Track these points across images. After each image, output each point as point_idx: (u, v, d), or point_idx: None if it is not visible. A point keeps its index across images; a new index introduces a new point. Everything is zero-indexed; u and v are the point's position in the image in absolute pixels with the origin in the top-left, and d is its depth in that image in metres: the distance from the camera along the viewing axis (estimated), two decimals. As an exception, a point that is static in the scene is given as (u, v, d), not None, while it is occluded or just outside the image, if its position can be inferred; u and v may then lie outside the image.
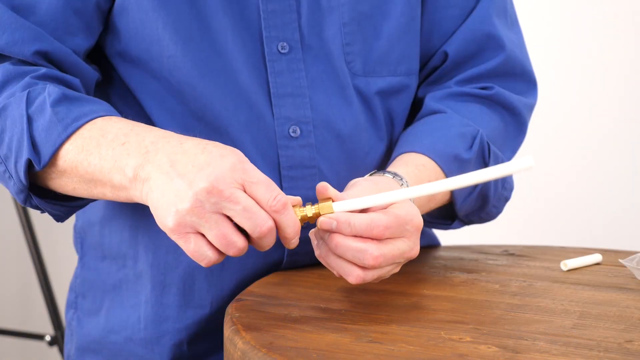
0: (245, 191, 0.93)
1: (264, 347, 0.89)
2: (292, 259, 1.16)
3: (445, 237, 1.76)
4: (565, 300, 1.03)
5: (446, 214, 1.24)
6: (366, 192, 1.01)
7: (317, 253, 1.00)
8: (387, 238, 0.97)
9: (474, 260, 1.19)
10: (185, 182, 0.93)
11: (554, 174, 2.15)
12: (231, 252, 0.94)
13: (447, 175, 1.15)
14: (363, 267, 0.97)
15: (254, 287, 1.08)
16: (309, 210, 0.98)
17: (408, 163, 1.13)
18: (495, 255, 1.22)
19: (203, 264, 0.95)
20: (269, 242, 0.95)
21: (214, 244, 0.94)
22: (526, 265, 1.17)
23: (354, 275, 0.98)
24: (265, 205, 0.93)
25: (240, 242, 0.94)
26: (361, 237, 0.97)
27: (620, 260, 1.13)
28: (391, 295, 1.05)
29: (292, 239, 0.96)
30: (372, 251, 0.96)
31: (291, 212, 0.95)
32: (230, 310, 1.00)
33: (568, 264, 1.15)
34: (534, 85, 1.28)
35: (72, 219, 1.32)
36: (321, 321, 0.96)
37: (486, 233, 2.06)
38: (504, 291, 1.06)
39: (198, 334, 1.17)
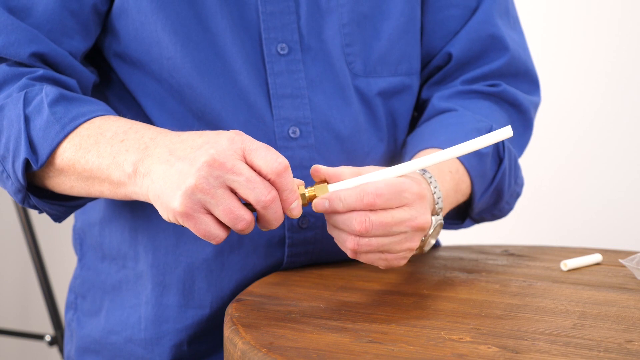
0: (246, 160, 0.94)
1: (264, 347, 0.89)
2: (292, 260, 1.16)
3: (446, 237, 1.76)
4: (565, 300, 1.03)
5: (457, 213, 1.24)
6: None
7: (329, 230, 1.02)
8: (384, 208, 0.97)
9: (474, 260, 1.19)
10: (186, 163, 0.94)
11: (554, 173, 2.15)
12: (239, 226, 0.94)
13: (468, 170, 1.15)
14: (356, 235, 0.98)
15: (254, 287, 1.08)
16: (305, 192, 0.98)
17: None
18: (495, 255, 1.22)
19: (214, 242, 0.95)
20: (274, 215, 0.95)
21: (221, 220, 0.94)
22: (526, 265, 1.17)
23: (348, 241, 0.98)
24: (266, 169, 0.93)
25: (247, 215, 0.94)
26: (355, 210, 0.97)
27: (620, 260, 1.13)
28: (391, 295, 1.05)
29: (293, 203, 0.96)
30: (356, 216, 0.96)
31: (291, 175, 0.95)
32: (230, 310, 1.00)
33: (568, 264, 1.15)
34: (537, 84, 1.29)
35: (71, 220, 1.32)
36: (321, 321, 0.96)
37: (486, 233, 2.07)
38: (504, 291, 1.06)
39: (198, 334, 1.17)
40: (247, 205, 0.95)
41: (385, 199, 0.97)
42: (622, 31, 2.07)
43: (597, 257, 1.18)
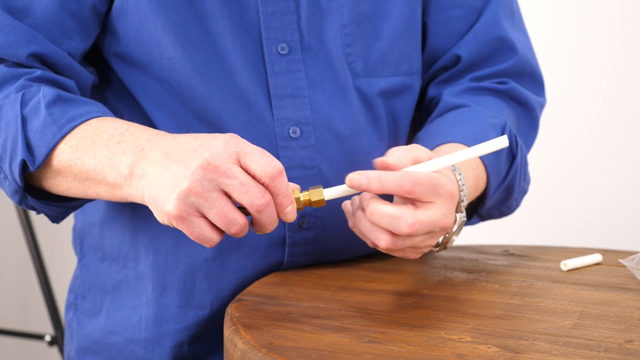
0: (240, 164, 0.93)
1: (264, 347, 0.89)
2: (292, 259, 1.16)
3: (445, 237, 1.76)
4: (565, 300, 1.03)
5: (465, 210, 1.24)
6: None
7: (350, 223, 0.99)
8: (419, 200, 0.95)
9: (474, 260, 1.19)
10: (180, 165, 0.93)
11: (554, 174, 2.15)
12: (233, 230, 0.93)
13: (486, 166, 1.14)
14: (395, 234, 0.96)
15: (254, 287, 1.08)
16: (300, 196, 0.97)
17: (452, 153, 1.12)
18: (495, 255, 1.22)
19: (208, 245, 0.95)
20: (268, 219, 0.94)
21: (215, 224, 0.94)
22: (526, 265, 1.17)
23: (383, 240, 0.96)
24: (260, 173, 0.93)
25: (240, 219, 0.93)
26: (393, 196, 0.95)
27: (620, 260, 1.13)
28: (391, 295, 1.05)
29: (287, 207, 0.95)
30: (407, 218, 0.94)
31: (285, 180, 0.94)
32: (230, 310, 1.00)
33: (568, 264, 1.15)
34: (542, 86, 1.29)
35: (71, 220, 1.32)
36: (321, 321, 0.96)
37: (486, 233, 2.06)
38: (504, 291, 1.06)
39: (198, 335, 1.17)
40: (241, 208, 0.95)
41: (422, 190, 0.95)
42: (624, 30, 2.07)
43: (597, 257, 1.18)
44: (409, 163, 0.98)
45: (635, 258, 1.13)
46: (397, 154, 0.98)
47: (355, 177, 0.95)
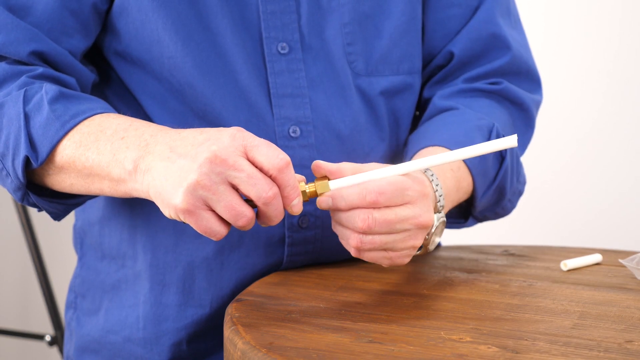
0: (247, 157, 0.94)
1: (264, 347, 0.89)
2: (292, 259, 1.16)
3: (446, 237, 1.76)
4: (565, 300, 1.03)
5: (460, 212, 1.24)
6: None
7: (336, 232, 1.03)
8: (387, 206, 0.97)
9: (474, 260, 1.19)
10: (187, 159, 0.94)
11: (554, 173, 2.15)
12: (240, 222, 0.94)
13: (469, 168, 1.15)
14: (360, 232, 0.98)
15: (254, 287, 1.08)
16: (305, 188, 0.98)
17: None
18: (495, 255, 1.22)
19: (215, 239, 0.95)
20: (274, 212, 0.95)
21: (222, 216, 0.94)
22: (526, 265, 1.17)
23: (352, 238, 0.99)
24: (267, 165, 0.93)
25: (248, 212, 0.94)
26: (358, 207, 0.98)
27: (620, 260, 1.13)
28: (391, 295, 1.05)
29: (294, 200, 0.96)
30: (359, 214, 0.97)
31: (292, 172, 0.95)
32: (230, 310, 1.00)
33: (568, 264, 1.15)
34: (538, 84, 1.29)
35: (71, 219, 1.32)
36: (321, 321, 0.96)
37: (486, 233, 2.06)
38: (504, 291, 1.06)
39: (197, 334, 1.17)
40: (248, 201, 0.95)
41: (387, 197, 0.97)
42: (623, 29, 2.07)
43: (597, 257, 1.18)
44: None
45: (635, 258, 1.13)
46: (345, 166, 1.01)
47: (323, 200, 0.99)
